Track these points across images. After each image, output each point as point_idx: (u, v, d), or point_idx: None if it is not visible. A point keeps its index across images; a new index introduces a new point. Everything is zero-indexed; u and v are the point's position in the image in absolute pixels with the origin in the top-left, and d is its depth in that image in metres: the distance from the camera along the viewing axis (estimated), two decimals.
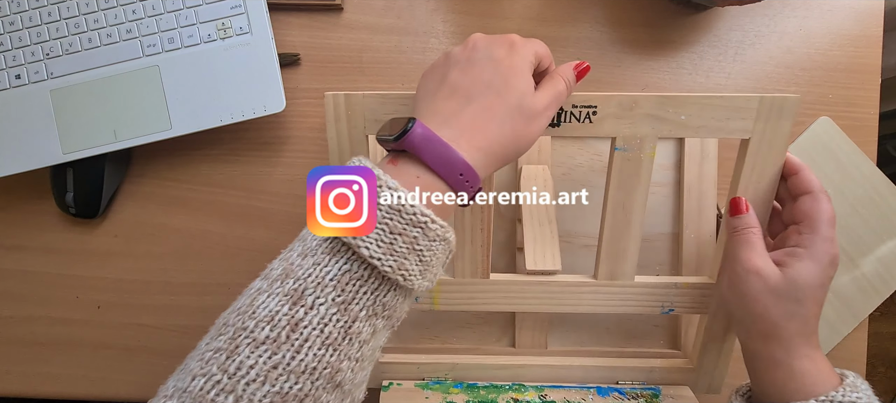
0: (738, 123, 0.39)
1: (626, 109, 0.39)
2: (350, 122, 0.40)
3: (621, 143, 0.40)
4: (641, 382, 0.50)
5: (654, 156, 0.41)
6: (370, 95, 0.39)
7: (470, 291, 0.47)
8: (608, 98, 0.39)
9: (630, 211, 0.43)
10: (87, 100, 0.53)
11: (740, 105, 0.39)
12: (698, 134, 0.40)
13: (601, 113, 0.39)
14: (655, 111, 0.39)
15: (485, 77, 0.33)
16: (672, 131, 0.39)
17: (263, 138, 0.58)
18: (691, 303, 0.47)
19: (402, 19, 0.58)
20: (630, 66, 0.57)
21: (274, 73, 0.53)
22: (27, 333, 0.58)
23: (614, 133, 0.40)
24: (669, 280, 0.47)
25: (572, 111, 0.39)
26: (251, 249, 0.57)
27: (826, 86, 0.56)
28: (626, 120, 0.39)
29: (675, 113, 0.39)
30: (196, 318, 0.57)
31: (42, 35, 0.53)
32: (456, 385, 0.50)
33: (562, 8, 0.57)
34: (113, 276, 0.58)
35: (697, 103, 0.39)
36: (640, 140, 0.40)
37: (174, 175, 0.58)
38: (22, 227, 0.59)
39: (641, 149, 0.40)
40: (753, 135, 0.40)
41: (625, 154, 0.41)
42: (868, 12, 0.56)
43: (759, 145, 0.40)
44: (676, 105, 0.39)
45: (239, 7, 0.53)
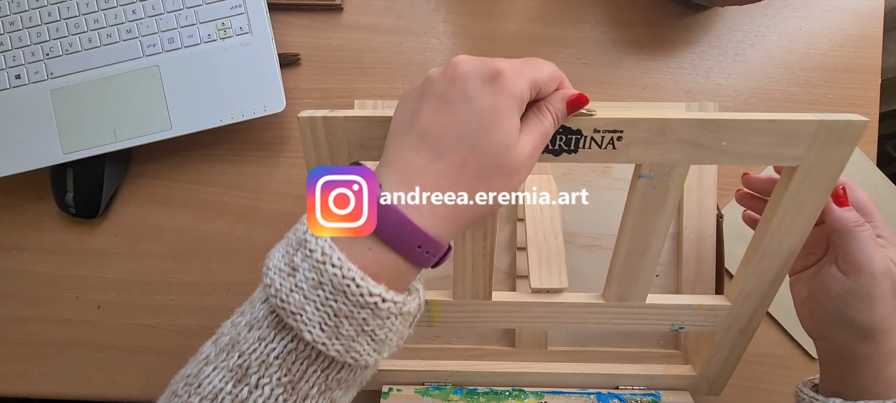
0: (788, 150, 0.33)
1: (657, 135, 0.33)
2: (332, 149, 0.34)
3: (647, 171, 0.34)
4: (642, 387, 0.50)
5: (683, 184, 0.35)
6: (353, 118, 0.33)
7: (471, 311, 0.45)
8: (637, 122, 0.32)
9: (649, 240, 0.38)
10: (87, 100, 0.53)
11: (794, 130, 0.32)
12: (739, 161, 0.33)
13: (627, 138, 0.33)
14: (692, 136, 0.33)
15: (458, 125, 0.27)
16: (709, 158, 0.33)
17: (263, 138, 0.58)
18: (703, 322, 0.44)
19: (402, 19, 0.58)
20: (630, 65, 0.57)
21: (274, 73, 0.53)
22: (27, 333, 0.58)
23: (641, 160, 0.34)
24: (683, 301, 0.43)
25: (593, 136, 0.33)
26: (251, 249, 0.57)
27: (826, 86, 0.56)
28: (656, 146, 0.33)
29: (715, 138, 0.33)
30: (196, 318, 0.57)
31: (42, 35, 0.53)
32: (456, 391, 0.50)
33: (562, 8, 0.57)
34: (113, 276, 0.58)
35: (742, 128, 0.32)
36: (669, 167, 0.34)
37: (174, 175, 0.58)
38: (22, 227, 0.59)
39: (670, 177, 0.35)
40: (803, 163, 0.34)
41: (650, 181, 0.35)
42: (868, 12, 0.56)
43: (808, 173, 0.34)
44: (717, 129, 0.32)
45: (239, 7, 0.53)
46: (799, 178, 0.34)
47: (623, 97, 0.56)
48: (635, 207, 0.36)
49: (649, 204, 0.36)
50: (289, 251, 0.28)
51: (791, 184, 0.35)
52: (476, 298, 0.43)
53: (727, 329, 0.44)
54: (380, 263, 0.27)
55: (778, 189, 0.36)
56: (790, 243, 0.37)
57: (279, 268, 0.28)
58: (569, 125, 0.32)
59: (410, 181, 0.27)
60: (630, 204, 0.37)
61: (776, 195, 0.36)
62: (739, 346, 0.45)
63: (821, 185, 0.34)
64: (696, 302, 0.43)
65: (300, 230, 0.28)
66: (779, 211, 0.36)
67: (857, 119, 0.32)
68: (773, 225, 0.36)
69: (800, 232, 0.37)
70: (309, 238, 0.27)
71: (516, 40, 0.57)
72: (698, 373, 0.49)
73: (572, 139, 0.32)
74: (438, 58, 0.57)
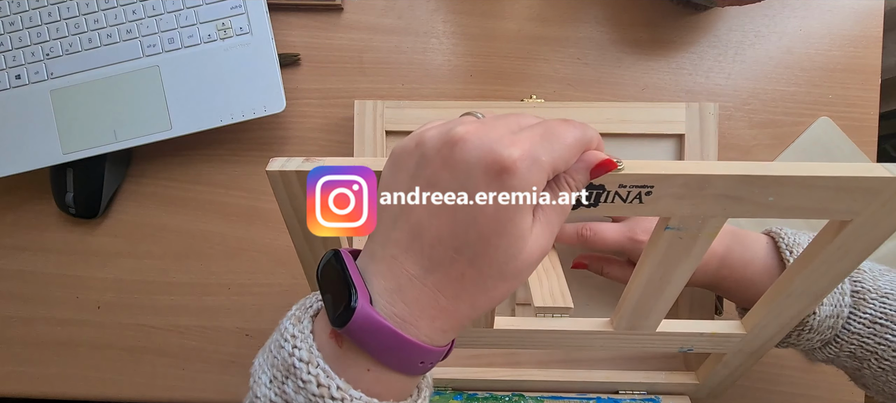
0: (845, 205, 0.28)
1: (694, 190, 0.28)
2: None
3: (676, 224, 0.30)
4: (642, 392, 0.50)
5: (715, 235, 0.31)
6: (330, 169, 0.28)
7: (472, 336, 0.43)
8: (671, 178, 0.27)
9: (668, 283, 0.35)
10: (87, 101, 0.53)
11: (854, 187, 0.27)
12: (785, 215, 0.29)
13: (658, 193, 0.28)
14: (734, 192, 0.28)
15: (456, 231, 0.23)
16: (750, 212, 0.29)
17: (263, 138, 0.58)
18: (714, 347, 0.43)
19: (402, 19, 0.58)
20: (630, 65, 0.57)
21: (274, 74, 0.53)
22: (27, 333, 0.58)
23: (671, 213, 0.30)
24: (696, 328, 0.41)
25: (618, 191, 0.28)
26: (251, 249, 0.57)
27: (826, 86, 0.56)
28: (689, 200, 0.29)
29: (762, 193, 0.28)
30: (196, 318, 0.57)
31: (42, 35, 0.53)
32: (456, 397, 0.50)
33: (562, 8, 0.57)
34: (113, 276, 0.58)
35: (796, 183, 0.27)
36: (702, 220, 0.30)
37: (174, 175, 0.58)
38: (22, 227, 0.59)
39: (701, 229, 0.31)
40: (858, 217, 0.29)
41: (678, 233, 0.31)
42: (868, 12, 0.56)
43: (862, 227, 0.29)
44: (766, 185, 0.27)
45: (239, 7, 0.53)
46: (850, 232, 0.30)
47: (623, 97, 0.56)
48: (657, 258, 0.33)
49: (673, 254, 0.33)
50: (277, 376, 0.24)
51: (838, 237, 0.30)
52: (477, 327, 0.41)
53: (738, 352, 0.43)
54: (381, 383, 0.24)
55: (820, 238, 0.32)
56: (821, 286, 0.35)
57: (270, 400, 0.24)
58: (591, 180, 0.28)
59: (404, 292, 0.24)
60: (650, 254, 0.33)
61: (817, 244, 0.33)
62: (747, 364, 0.45)
63: (873, 237, 0.30)
64: (709, 329, 0.41)
65: (285, 349, 0.24)
66: (816, 261, 0.32)
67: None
68: (808, 271, 0.33)
69: (835, 278, 0.34)
70: (298, 364, 0.23)
71: (516, 40, 0.57)
72: (700, 382, 0.48)
73: (593, 193, 0.28)
74: (438, 58, 0.57)
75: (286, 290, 0.57)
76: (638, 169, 0.27)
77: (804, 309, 0.37)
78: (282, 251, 0.57)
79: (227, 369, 0.57)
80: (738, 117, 0.56)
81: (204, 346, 0.57)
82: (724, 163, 0.27)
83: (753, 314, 0.39)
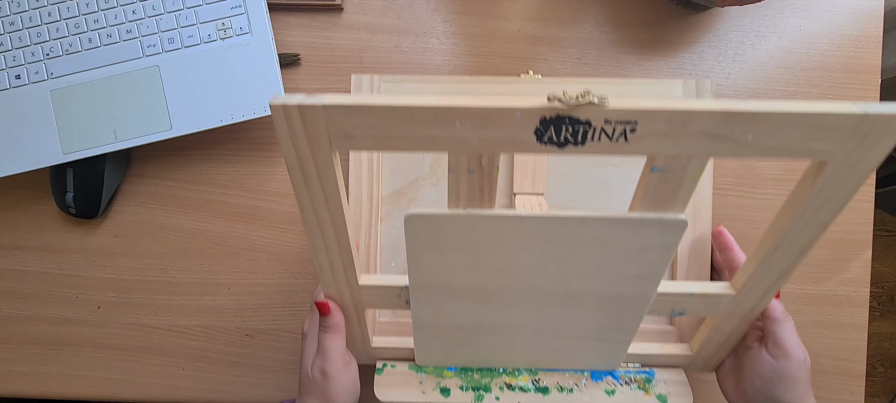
0: (821, 144, 0.30)
1: (677, 126, 0.29)
2: (311, 140, 0.30)
3: (661, 164, 0.31)
4: (637, 365, 0.50)
5: (699, 178, 0.32)
6: (334, 107, 0.29)
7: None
8: (654, 114, 0.29)
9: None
10: (87, 101, 0.53)
11: (833, 123, 0.29)
12: (765, 155, 0.31)
13: (642, 130, 0.29)
14: (715, 129, 0.29)
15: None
16: (732, 151, 0.30)
17: (263, 138, 0.58)
18: (705, 309, 0.44)
19: (402, 19, 0.58)
20: (630, 65, 0.57)
21: (274, 74, 0.53)
22: (27, 333, 0.58)
23: (655, 153, 0.31)
24: (687, 289, 0.42)
25: (604, 128, 0.29)
26: (251, 249, 0.57)
27: (826, 86, 0.56)
28: (672, 139, 0.30)
29: (742, 131, 0.29)
30: (196, 318, 0.57)
31: (42, 35, 0.53)
32: (450, 369, 0.50)
33: (562, 8, 0.57)
34: (113, 276, 0.58)
35: (774, 120, 0.29)
36: (686, 161, 0.31)
37: (174, 175, 0.58)
38: (22, 227, 0.59)
39: (685, 170, 0.32)
40: (836, 159, 0.30)
41: (663, 175, 0.32)
42: (868, 12, 0.56)
43: (840, 169, 0.31)
44: (745, 122, 0.29)
45: (239, 7, 0.53)
46: (828, 174, 0.31)
47: None
48: (644, 201, 0.34)
49: (660, 197, 0.34)
50: None
51: (818, 181, 0.32)
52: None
53: (729, 315, 0.44)
54: None
55: (801, 184, 0.34)
56: (806, 238, 0.36)
57: None
58: (576, 115, 0.29)
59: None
60: (639, 197, 0.34)
61: (799, 191, 0.34)
62: (739, 329, 0.45)
63: (852, 181, 0.31)
64: (700, 290, 0.42)
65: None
66: (799, 208, 0.33)
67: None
68: (792, 221, 0.34)
69: (818, 228, 0.35)
70: None
71: (516, 40, 0.57)
72: (694, 353, 0.48)
73: (580, 130, 0.29)
74: (438, 58, 0.57)
75: (286, 290, 0.57)
76: (622, 105, 0.28)
77: (791, 266, 0.38)
78: (282, 251, 0.57)
79: (227, 369, 0.57)
80: None
81: (204, 346, 0.57)
82: (705, 100, 0.29)
83: (743, 273, 0.40)
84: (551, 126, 0.29)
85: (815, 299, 0.55)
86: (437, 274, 0.40)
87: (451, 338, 0.46)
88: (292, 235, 0.57)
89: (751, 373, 0.43)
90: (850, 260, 0.55)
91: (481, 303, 0.43)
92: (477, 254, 0.38)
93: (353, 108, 0.29)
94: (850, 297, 0.55)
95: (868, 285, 0.55)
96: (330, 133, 0.30)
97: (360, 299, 0.42)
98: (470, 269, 0.39)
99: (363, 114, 0.29)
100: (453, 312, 0.43)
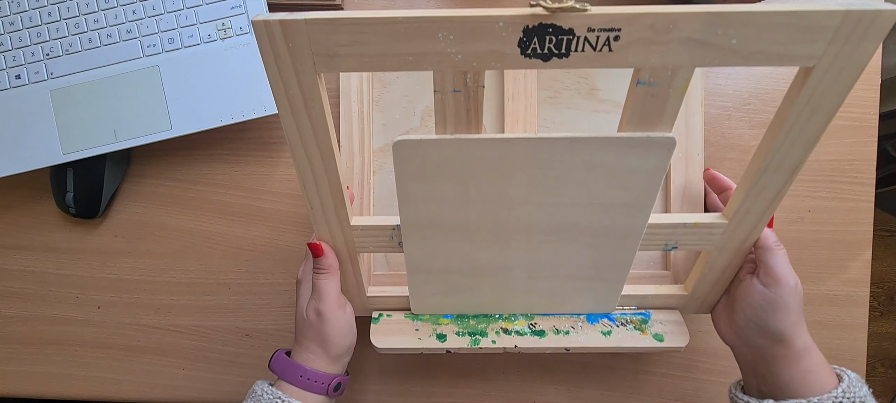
0: (805, 48, 0.30)
1: (661, 32, 0.29)
2: (294, 58, 0.30)
3: (646, 77, 0.31)
4: (632, 307, 0.50)
5: (685, 91, 0.32)
6: (316, 22, 0.28)
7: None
8: (638, 17, 0.28)
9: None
10: (87, 100, 0.53)
11: (815, 23, 0.29)
12: (749, 61, 0.30)
13: (626, 37, 0.29)
14: (699, 34, 0.29)
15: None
16: (717, 59, 0.30)
17: (263, 138, 0.58)
18: (698, 241, 0.43)
19: None
20: None
21: None
22: (27, 333, 0.58)
23: (640, 63, 0.30)
24: (679, 219, 0.42)
25: (587, 36, 0.29)
26: (251, 249, 0.57)
27: None
28: (657, 46, 0.29)
29: (725, 35, 0.29)
30: (196, 318, 0.57)
31: (42, 35, 0.54)
32: (446, 316, 0.49)
33: None
34: (113, 276, 0.58)
35: (757, 22, 0.29)
36: (671, 71, 0.31)
37: (174, 175, 0.58)
38: (22, 227, 0.59)
39: (671, 82, 0.31)
40: (821, 63, 0.30)
41: (649, 89, 0.32)
42: None
43: (826, 74, 0.30)
44: (728, 24, 0.29)
45: (239, 7, 0.54)
46: (814, 81, 0.31)
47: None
48: (632, 119, 0.33)
49: (647, 115, 0.33)
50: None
51: (805, 88, 0.31)
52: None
53: (722, 248, 0.43)
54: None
55: (788, 95, 0.33)
56: (796, 156, 0.35)
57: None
58: (559, 23, 0.28)
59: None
60: (626, 116, 0.34)
61: (786, 103, 0.33)
62: (732, 265, 0.45)
63: (838, 88, 0.31)
64: (692, 220, 0.42)
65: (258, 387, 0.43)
66: (787, 121, 0.33)
67: (888, 8, 0.28)
68: (781, 135, 0.34)
69: (808, 142, 0.34)
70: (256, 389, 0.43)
71: None
72: (689, 293, 0.48)
73: (563, 40, 0.28)
74: None
75: (286, 290, 0.57)
76: (604, 10, 0.28)
77: (783, 188, 0.38)
78: (282, 251, 0.57)
79: (226, 369, 0.57)
80: (739, 117, 0.56)
81: (204, 346, 0.57)
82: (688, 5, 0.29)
83: (734, 199, 0.40)
84: (535, 36, 0.29)
85: (815, 299, 0.55)
86: (427, 209, 0.39)
87: (445, 283, 0.46)
88: (293, 235, 0.57)
89: (743, 304, 0.43)
90: (850, 260, 0.55)
91: (474, 242, 0.42)
92: (466, 183, 0.38)
93: (336, 22, 0.28)
94: (850, 297, 0.55)
95: (868, 285, 0.55)
96: (314, 52, 0.30)
97: (352, 242, 0.42)
98: (461, 202, 0.39)
99: (346, 30, 0.28)
100: (446, 253, 0.43)
